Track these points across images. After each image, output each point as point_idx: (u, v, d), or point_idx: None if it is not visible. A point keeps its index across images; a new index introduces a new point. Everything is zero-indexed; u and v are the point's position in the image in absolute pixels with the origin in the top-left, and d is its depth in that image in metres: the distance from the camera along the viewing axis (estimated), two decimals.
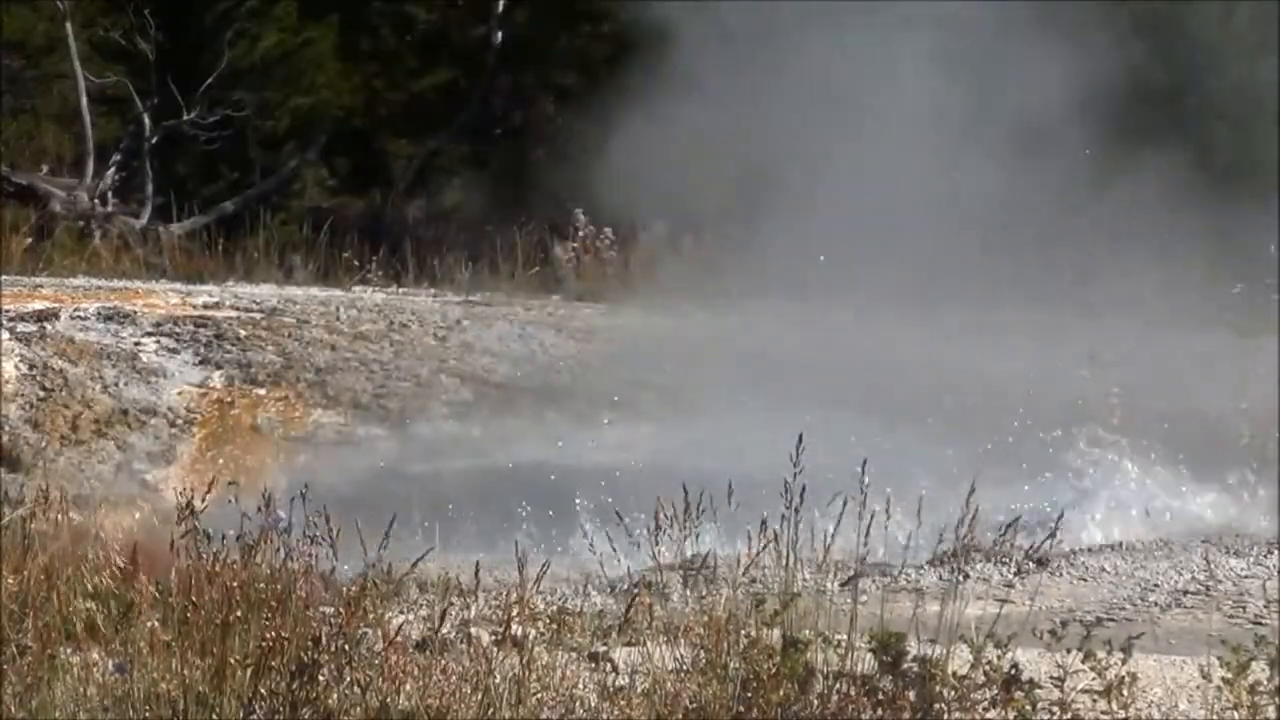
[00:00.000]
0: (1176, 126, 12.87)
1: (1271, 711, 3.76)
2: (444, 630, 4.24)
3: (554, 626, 4.80)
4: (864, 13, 11.61)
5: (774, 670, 3.81)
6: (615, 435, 8.69)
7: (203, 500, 4.34)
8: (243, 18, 16.60)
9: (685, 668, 4.09)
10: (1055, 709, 3.79)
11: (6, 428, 8.02)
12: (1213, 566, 6.56)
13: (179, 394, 8.64)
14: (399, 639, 3.97)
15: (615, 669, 4.37)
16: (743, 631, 4.05)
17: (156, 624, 4.00)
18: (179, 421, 8.38)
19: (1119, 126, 11.90)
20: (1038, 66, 11.50)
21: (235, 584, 4.04)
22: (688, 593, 5.29)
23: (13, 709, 3.79)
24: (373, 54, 18.18)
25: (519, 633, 4.18)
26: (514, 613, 4.31)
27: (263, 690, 3.81)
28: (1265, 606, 5.96)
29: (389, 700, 3.83)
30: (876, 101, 11.56)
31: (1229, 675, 3.80)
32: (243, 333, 9.32)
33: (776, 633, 4.03)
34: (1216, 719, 3.91)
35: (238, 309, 9.99)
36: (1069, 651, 3.81)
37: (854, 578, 5.49)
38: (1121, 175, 11.49)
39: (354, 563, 4.56)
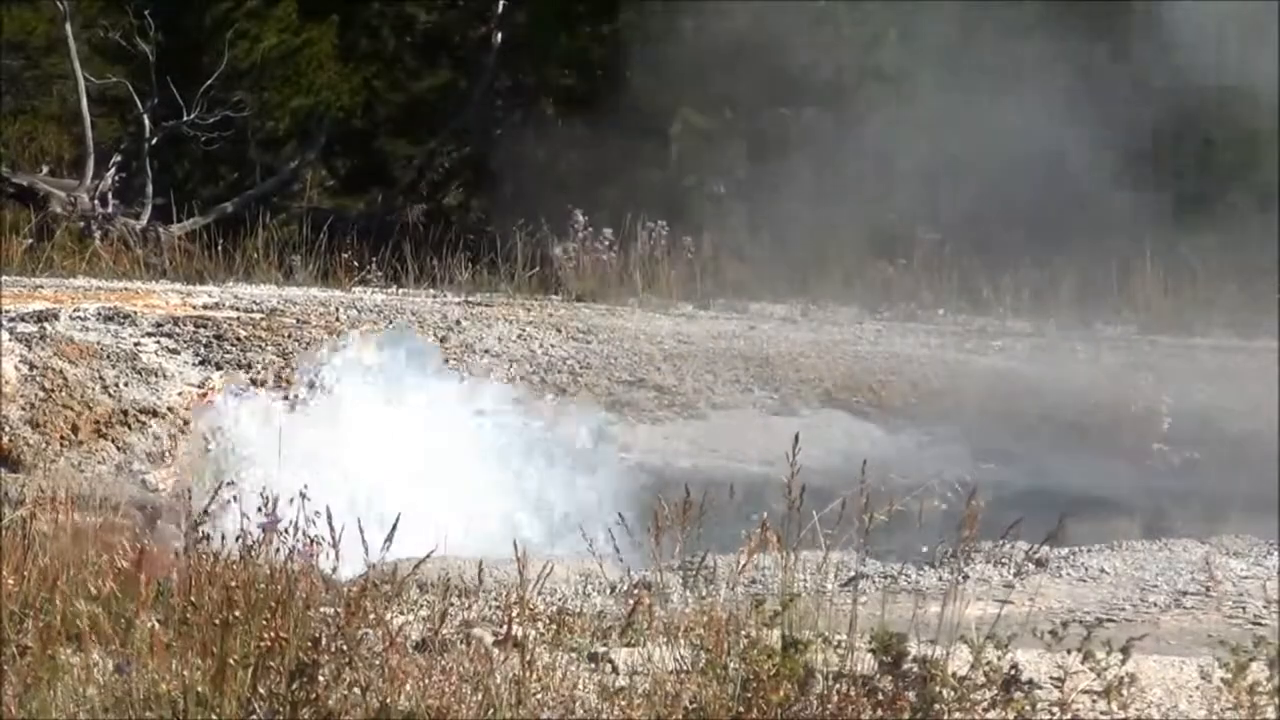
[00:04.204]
0: None
1: (1271, 712, 3.76)
2: (444, 631, 4.24)
3: (554, 627, 4.80)
4: None
5: (774, 671, 3.81)
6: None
7: (204, 501, 4.34)
8: (243, 18, 16.61)
9: (685, 668, 4.09)
10: (1055, 709, 3.79)
11: (7, 428, 8.02)
12: (1212, 567, 6.56)
13: (179, 394, 8.64)
14: (399, 639, 3.97)
15: (615, 669, 4.37)
16: (743, 632, 4.05)
17: (157, 624, 4.01)
18: (179, 422, 8.39)
19: None
20: None
21: (235, 584, 4.04)
22: (688, 593, 5.30)
23: (13, 709, 3.79)
24: (373, 54, 18.19)
25: (519, 633, 4.18)
26: (514, 613, 4.32)
27: (262, 691, 3.82)
28: (1265, 607, 5.96)
29: (389, 701, 3.83)
30: None
31: (1228, 676, 3.81)
32: (243, 333, 9.32)
33: (776, 633, 4.03)
34: (1217, 719, 3.92)
35: (238, 309, 9.99)
36: (1069, 652, 3.81)
37: (854, 578, 5.49)
38: None
39: (353, 563, 4.57)
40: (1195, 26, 12.99)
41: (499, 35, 17.74)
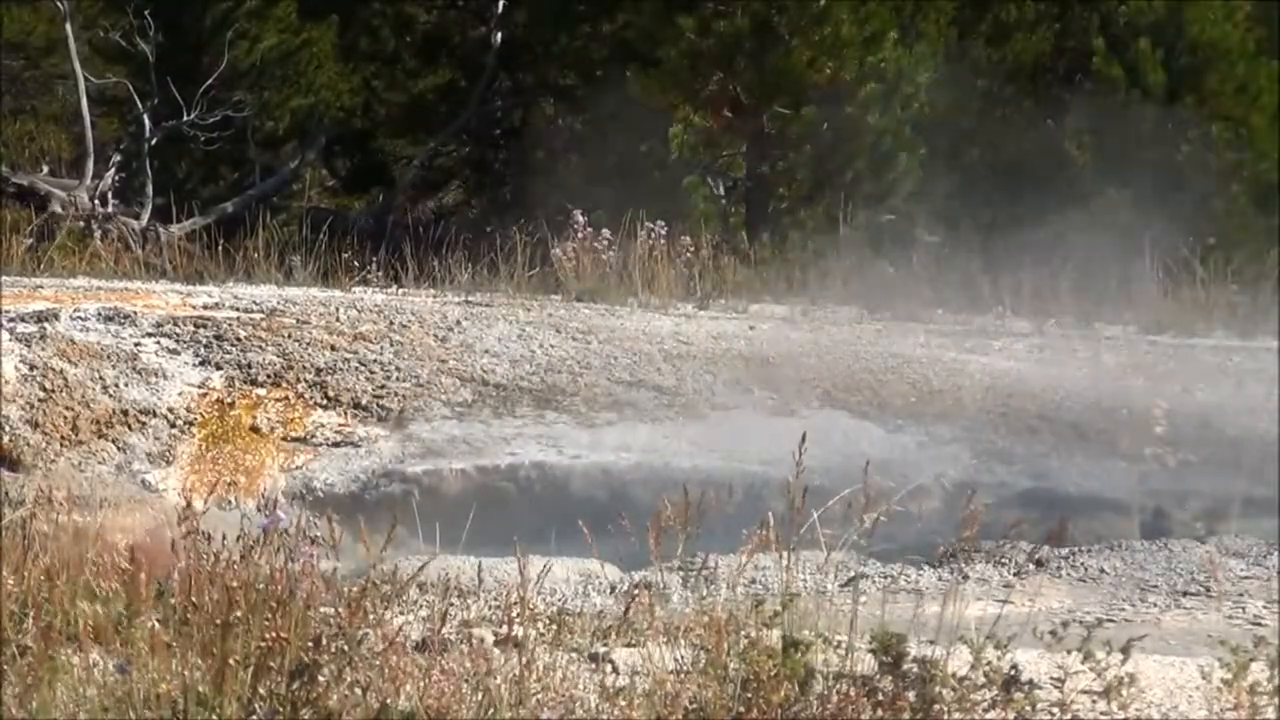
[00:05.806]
0: None
1: (1271, 712, 3.76)
2: (444, 631, 4.24)
3: (554, 627, 4.80)
4: None
5: (774, 671, 3.80)
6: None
7: (204, 501, 4.34)
8: (242, 18, 16.64)
9: (685, 668, 4.09)
10: (1055, 710, 3.79)
11: (7, 428, 8.03)
12: (1213, 567, 6.56)
13: (179, 394, 8.64)
14: (399, 640, 3.97)
15: (615, 669, 4.37)
16: (743, 632, 4.05)
17: (157, 624, 4.00)
18: (179, 422, 8.38)
19: None
20: None
21: (236, 584, 4.04)
22: (688, 593, 5.30)
23: (13, 709, 3.79)
24: (373, 54, 18.22)
25: (519, 633, 4.17)
26: (514, 613, 4.31)
27: (263, 691, 3.81)
28: (1265, 607, 5.96)
29: (389, 701, 3.83)
30: None
31: (1228, 676, 3.81)
32: (243, 333, 9.33)
33: (776, 633, 4.03)
34: (1216, 719, 3.92)
35: (238, 309, 9.99)
36: (1069, 652, 3.80)
37: (854, 579, 5.50)
38: None
39: (352, 563, 4.56)
40: None
41: (499, 35, 17.75)
